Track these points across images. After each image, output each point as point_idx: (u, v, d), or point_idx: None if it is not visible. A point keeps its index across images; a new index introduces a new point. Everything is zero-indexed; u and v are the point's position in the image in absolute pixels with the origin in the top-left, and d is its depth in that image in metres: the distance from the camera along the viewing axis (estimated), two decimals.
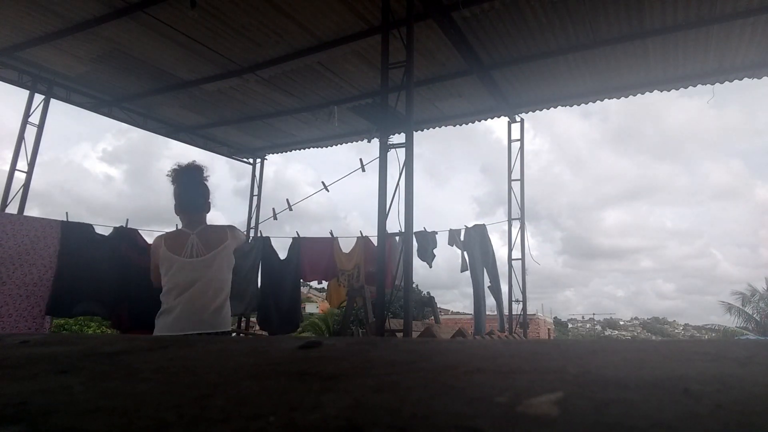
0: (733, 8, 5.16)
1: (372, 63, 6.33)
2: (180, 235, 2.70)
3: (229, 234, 2.77)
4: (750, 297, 23.38)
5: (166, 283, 2.62)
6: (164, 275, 2.63)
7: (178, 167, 2.75)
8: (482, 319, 7.09)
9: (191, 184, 2.75)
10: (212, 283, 2.64)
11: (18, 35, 6.04)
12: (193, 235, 2.68)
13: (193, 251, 2.63)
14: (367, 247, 7.57)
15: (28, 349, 0.99)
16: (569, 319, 60.06)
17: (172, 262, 2.61)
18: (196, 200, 2.76)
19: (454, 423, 0.43)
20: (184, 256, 2.62)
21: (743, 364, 0.67)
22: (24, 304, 5.82)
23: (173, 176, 2.75)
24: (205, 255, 2.64)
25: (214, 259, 2.66)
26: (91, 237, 6.52)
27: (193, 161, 2.83)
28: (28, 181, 6.94)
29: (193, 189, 2.75)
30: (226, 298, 2.74)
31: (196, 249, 2.64)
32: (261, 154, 10.24)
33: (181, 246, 2.64)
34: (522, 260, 7.71)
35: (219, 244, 2.70)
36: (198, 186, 2.78)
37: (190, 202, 2.74)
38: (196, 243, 2.66)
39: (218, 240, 2.71)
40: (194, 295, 2.59)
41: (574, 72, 6.54)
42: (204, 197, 2.78)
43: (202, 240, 2.68)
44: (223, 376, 0.67)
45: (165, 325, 2.59)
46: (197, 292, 2.60)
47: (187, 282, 2.59)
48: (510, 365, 0.70)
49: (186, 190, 2.73)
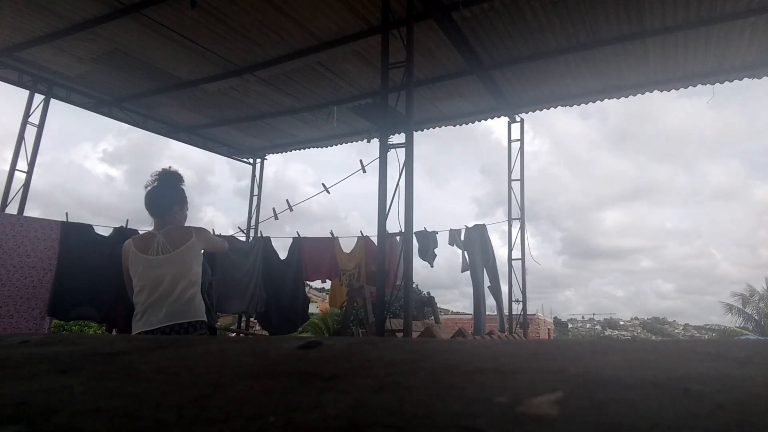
0: (733, 8, 5.16)
1: (372, 63, 6.33)
2: (147, 236, 2.81)
3: (194, 234, 2.83)
4: (749, 297, 23.36)
5: (137, 282, 2.71)
6: (134, 275, 2.72)
7: (154, 173, 2.85)
8: (482, 319, 7.09)
9: (159, 188, 2.84)
10: (180, 277, 2.72)
11: (18, 35, 6.04)
12: (159, 235, 2.77)
13: (159, 249, 2.73)
14: (367, 246, 7.58)
15: (28, 349, 0.99)
16: (569, 319, 60.06)
17: (139, 261, 2.71)
18: (160, 202, 2.83)
19: (454, 423, 0.43)
20: (151, 254, 2.71)
21: (743, 364, 0.67)
22: (25, 305, 5.83)
23: (148, 181, 2.85)
24: (170, 252, 2.73)
25: (180, 255, 2.74)
26: (91, 237, 6.53)
27: (168, 167, 2.92)
28: (28, 181, 6.94)
29: (160, 193, 2.83)
30: (196, 290, 2.81)
31: (161, 247, 2.73)
32: (261, 154, 10.24)
33: (148, 246, 2.74)
34: (522, 260, 7.71)
35: (184, 242, 2.77)
36: (165, 189, 2.85)
37: (153, 204, 2.82)
38: (162, 242, 2.75)
39: (183, 239, 2.79)
40: (165, 290, 2.68)
41: (574, 72, 6.54)
42: (170, 201, 2.84)
43: (168, 239, 2.77)
44: (223, 376, 0.67)
45: (140, 324, 2.68)
46: (167, 287, 2.69)
47: (156, 278, 2.69)
48: (510, 365, 0.70)
49: (152, 193, 2.82)
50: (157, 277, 2.69)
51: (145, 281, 2.69)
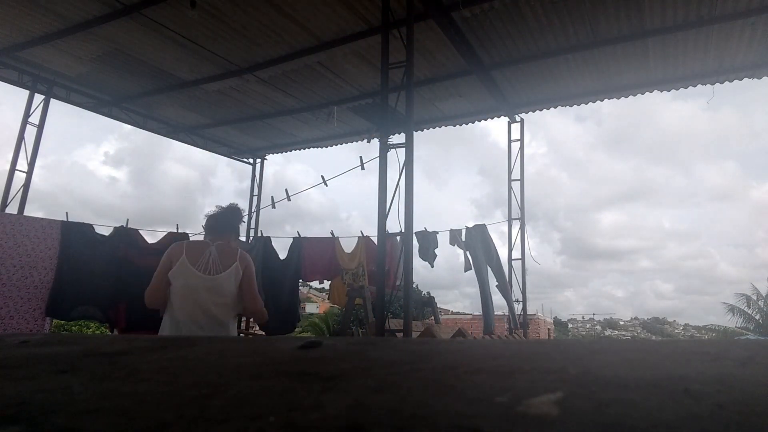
0: (733, 8, 5.16)
1: (372, 63, 6.33)
2: (200, 244, 2.85)
3: (239, 257, 2.87)
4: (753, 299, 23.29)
5: (176, 290, 2.72)
6: (174, 280, 2.73)
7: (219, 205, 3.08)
8: (491, 318, 7.04)
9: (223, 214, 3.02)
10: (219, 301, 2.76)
11: (18, 35, 6.04)
12: (212, 247, 2.82)
13: (209, 265, 2.76)
14: (368, 246, 7.57)
15: (28, 349, 0.99)
16: (569, 319, 60.06)
17: (187, 273, 2.72)
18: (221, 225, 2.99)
19: (454, 423, 0.43)
20: (199, 268, 2.74)
21: (743, 364, 0.67)
22: (25, 306, 5.82)
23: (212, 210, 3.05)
24: (217, 273, 2.76)
25: (227, 276, 2.78)
26: (91, 237, 6.53)
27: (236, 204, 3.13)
28: (28, 181, 6.95)
29: (222, 219, 3.01)
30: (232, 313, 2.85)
31: (212, 262, 2.77)
32: (261, 154, 10.24)
33: (198, 256, 2.76)
34: (522, 260, 7.71)
35: (231, 264, 2.81)
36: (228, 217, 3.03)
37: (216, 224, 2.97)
38: (214, 256, 2.79)
39: (231, 259, 2.83)
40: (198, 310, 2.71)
41: (574, 72, 6.54)
42: (230, 228, 3.00)
43: (219, 254, 2.81)
44: (223, 376, 0.67)
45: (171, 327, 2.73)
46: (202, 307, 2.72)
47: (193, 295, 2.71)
48: (510, 365, 0.70)
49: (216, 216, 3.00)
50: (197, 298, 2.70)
51: (185, 299, 2.70)
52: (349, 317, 7.33)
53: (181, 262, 2.72)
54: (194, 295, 2.69)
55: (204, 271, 2.73)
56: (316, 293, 34.52)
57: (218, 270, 2.75)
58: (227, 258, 2.80)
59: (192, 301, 2.69)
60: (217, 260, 2.77)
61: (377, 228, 4.60)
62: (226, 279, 2.76)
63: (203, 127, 8.94)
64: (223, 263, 2.78)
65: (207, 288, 2.71)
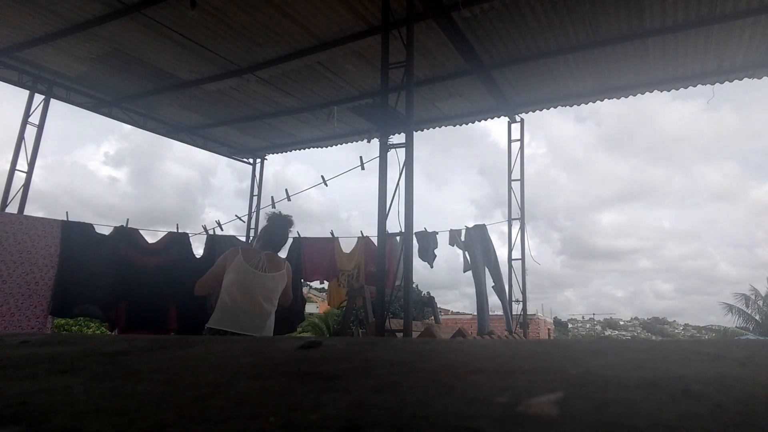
0: (733, 8, 5.16)
1: (372, 63, 6.33)
2: (252, 250, 3.35)
3: (286, 267, 3.41)
4: (753, 299, 23.29)
5: (231, 284, 3.15)
6: (231, 273, 3.16)
7: (277, 212, 3.49)
8: (485, 319, 7.06)
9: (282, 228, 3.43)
10: (267, 295, 3.24)
11: (18, 35, 6.04)
12: (262, 254, 3.31)
13: (261, 266, 3.26)
14: (367, 247, 7.57)
15: (28, 349, 0.99)
16: (569, 319, 60.07)
17: (244, 269, 3.18)
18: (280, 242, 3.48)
19: (454, 423, 0.43)
20: (253, 266, 3.22)
21: (743, 364, 0.67)
22: (26, 303, 5.83)
23: (270, 218, 3.44)
24: (267, 272, 3.26)
25: (274, 278, 3.29)
26: (92, 237, 6.53)
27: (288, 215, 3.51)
28: (28, 181, 6.95)
29: (281, 234, 3.44)
30: (273, 310, 3.33)
31: (263, 265, 3.27)
32: (261, 154, 10.24)
33: (252, 258, 3.25)
34: (522, 260, 7.70)
35: (279, 269, 3.34)
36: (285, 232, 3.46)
37: (274, 242, 3.42)
38: (264, 260, 3.29)
39: (279, 266, 3.36)
40: (252, 301, 3.16)
41: (574, 72, 6.54)
42: (285, 241, 3.51)
43: (269, 261, 3.31)
44: (223, 376, 0.67)
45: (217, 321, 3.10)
46: (255, 299, 3.17)
47: (250, 287, 3.17)
48: (510, 365, 0.70)
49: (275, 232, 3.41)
50: (252, 288, 3.17)
51: (240, 286, 3.14)
52: (349, 317, 7.33)
53: (238, 260, 3.19)
54: (249, 287, 3.17)
55: (256, 268, 3.22)
56: (316, 293, 34.52)
57: (267, 270, 3.26)
58: (275, 264, 3.33)
59: (245, 291, 3.16)
60: (266, 264, 3.27)
61: (377, 228, 4.60)
62: (274, 278, 3.28)
63: (203, 127, 8.94)
64: (271, 267, 3.29)
65: (259, 283, 3.20)
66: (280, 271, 3.33)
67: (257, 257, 3.26)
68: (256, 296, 3.17)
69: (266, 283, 3.23)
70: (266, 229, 3.41)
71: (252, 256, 3.25)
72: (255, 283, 3.18)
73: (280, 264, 3.37)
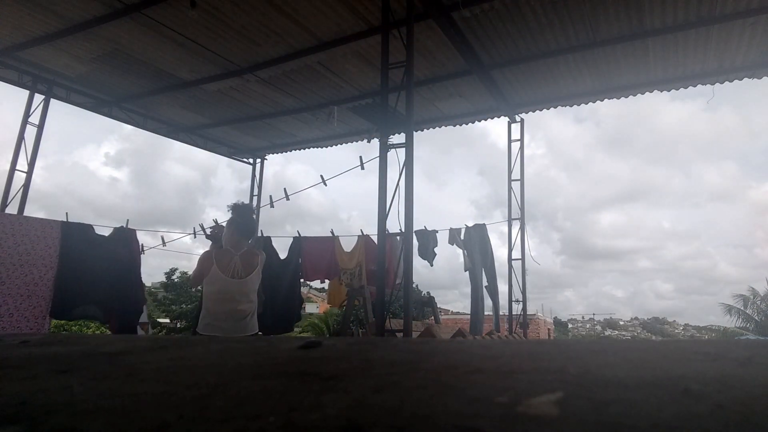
0: (733, 8, 5.15)
1: (372, 63, 6.33)
2: (226, 254, 3.37)
3: (260, 260, 3.47)
4: (752, 299, 23.29)
5: (211, 292, 3.28)
6: (208, 284, 3.28)
7: (238, 202, 3.51)
8: (480, 319, 7.09)
9: (248, 216, 3.53)
10: (245, 297, 3.34)
11: (18, 35, 6.04)
12: (236, 256, 3.35)
13: (235, 271, 3.32)
14: (368, 245, 7.57)
15: (28, 349, 0.99)
16: (569, 319, 60.10)
17: (217, 278, 3.28)
18: (252, 229, 3.60)
19: (454, 423, 0.43)
20: (227, 274, 3.29)
21: (743, 364, 0.67)
22: (25, 303, 5.82)
23: (233, 209, 3.46)
24: (242, 278, 3.33)
25: (250, 280, 3.37)
26: (92, 237, 6.53)
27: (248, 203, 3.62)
28: (28, 181, 6.94)
29: (249, 221, 3.54)
30: (254, 308, 3.45)
31: (237, 269, 3.33)
32: (261, 154, 10.24)
33: (226, 264, 3.31)
34: (522, 260, 7.70)
35: (253, 268, 3.40)
36: (252, 218, 3.59)
37: (247, 231, 3.52)
38: (238, 263, 3.34)
39: (253, 264, 3.40)
40: (233, 306, 3.28)
41: (574, 72, 6.53)
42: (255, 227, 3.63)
43: (243, 261, 3.36)
44: (223, 376, 0.67)
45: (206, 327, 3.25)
46: (235, 304, 3.29)
47: (228, 294, 3.28)
48: (510, 365, 0.70)
49: (246, 221, 3.49)
50: (228, 294, 3.29)
51: (219, 295, 3.28)
52: (349, 317, 7.33)
53: (214, 271, 3.27)
54: (226, 296, 3.27)
55: (232, 276, 3.29)
56: (316, 293, 34.53)
57: (242, 275, 3.33)
58: (249, 265, 3.38)
59: (223, 302, 3.27)
60: (240, 269, 3.34)
61: (377, 228, 4.60)
62: (250, 280, 3.37)
63: (203, 127, 8.93)
64: (246, 269, 3.36)
65: (236, 290, 3.29)
66: (255, 269, 3.41)
67: (231, 263, 3.32)
68: (234, 302, 3.29)
69: (242, 288, 3.32)
70: (235, 221, 3.45)
71: (226, 262, 3.31)
72: (232, 291, 3.28)
73: (254, 261, 3.42)
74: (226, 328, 3.24)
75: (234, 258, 3.33)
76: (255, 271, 3.40)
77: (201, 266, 3.36)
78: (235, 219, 3.44)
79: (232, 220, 3.44)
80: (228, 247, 3.39)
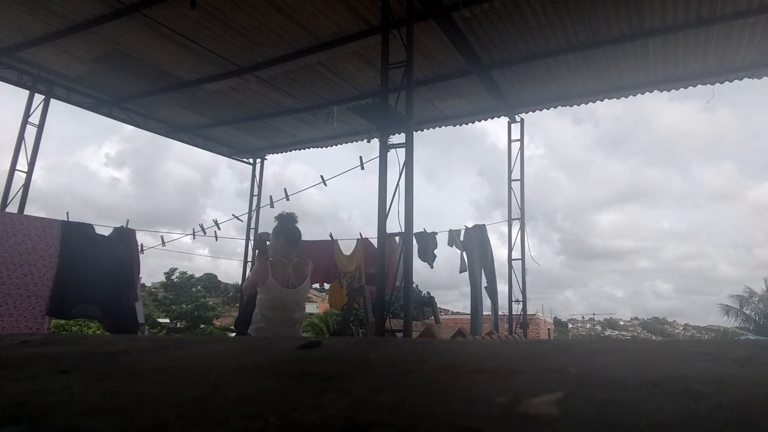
0: (733, 8, 5.15)
1: (372, 63, 6.33)
2: (280, 264, 3.51)
3: (309, 269, 3.66)
4: (748, 299, 23.31)
5: (266, 301, 3.44)
6: (263, 292, 3.44)
7: (283, 213, 3.65)
8: (479, 319, 7.09)
9: (294, 225, 3.64)
10: (297, 306, 3.57)
11: (18, 35, 6.04)
12: (290, 267, 3.51)
13: (289, 281, 3.50)
14: (367, 248, 7.57)
15: (28, 349, 0.99)
16: (569, 319, 60.13)
17: (273, 288, 3.45)
18: (298, 238, 3.68)
19: (454, 423, 0.43)
20: (281, 284, 3.46)
21: (743, 364, 0.67)
22: (24, 303, 5.82)
23: (279, 218, 3.60)
24: (295, 287, 3.52)
25: (302, 290, 3.59)
26: (92, 237, 6.53)
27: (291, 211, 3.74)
28: (28, 181, 6.94)
29: (294, 230, 3.65)
30: (303, 313, 3.72)
31: (291, 280, 3.51)
32: (261, 154, 10.25)
33: (281, 274, 3.47)
34: (522, 260, 7.70)
35: (304, 277, 3.59)
36: (297, 227, 3.68)
37: (294, 240, 3.63)
38: (292, 274, 3.51)
39: (304, 274, 3.59)
40: (288, 315, 3.48)
41: (574, 72, 6.53)
42: (300, 235, 3.71)
43: (296, 272, 3.53)
44: (223, 376, 0.67)
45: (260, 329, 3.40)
46: (289, 313, 3.49)
47: (282, 303, 3.47)
48: (510, 365, 0.70)
49: (290, 230, 3.61)
50: (283, 304, 3.47)
51: (274, 303, 3.44)
52: (349, 317, 7.33)
53: (270, 282, 3.44)
54: (280, 305, 3.46)
55: (286, 286, 3.48)
56: (316, 293, 34.55)
57: (295, 284, 3.53)
58: (301, 274, 3.57)
59: (278, 309, 3.47)
60: (294, 279, 3.52)
61: (377, 228, 4.60)
62: (303, 289, 3.59)
63: (203, 127, 8.94)
64: (298, 279, 3.55)
65: (290, 300, 3.49)
66: (306, 278, 3.61)
67: (285, 274, 3.48)
68: (288, 311, 3.49)
69: (296, 298, 3.53)
70: (283, 232, 3.58)
71: (281, 272, 3.47)
72: (287, 301, 3.48)
73: (305, 269, 3.61)
74: (280, 333, 3.44)
75: (288, 269, 3.50)
76: (306, 280, 3.59)
77: (255, 276, 3.53)
78: (282, 230, 3.58)
79: (280, 230, 3.58)
80: (277, 257, 3.54)
